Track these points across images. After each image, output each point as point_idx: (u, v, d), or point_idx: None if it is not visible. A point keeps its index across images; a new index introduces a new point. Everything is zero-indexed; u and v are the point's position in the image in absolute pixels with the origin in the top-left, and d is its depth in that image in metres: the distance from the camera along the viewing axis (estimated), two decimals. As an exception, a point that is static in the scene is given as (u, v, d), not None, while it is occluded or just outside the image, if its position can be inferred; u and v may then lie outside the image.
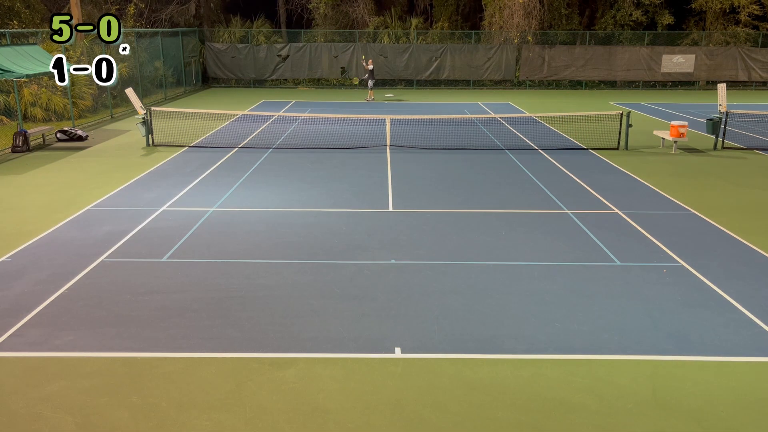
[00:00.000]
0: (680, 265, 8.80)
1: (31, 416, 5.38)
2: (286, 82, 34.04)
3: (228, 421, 5.33)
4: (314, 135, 18.90)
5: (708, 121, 17.27)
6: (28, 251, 9.23)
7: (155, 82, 28.28)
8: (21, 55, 16.88)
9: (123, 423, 5.29)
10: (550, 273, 8.51)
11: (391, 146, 17.12)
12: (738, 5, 32.54)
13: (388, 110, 23.71)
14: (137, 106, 17.18)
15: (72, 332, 6.82)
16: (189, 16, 35.05)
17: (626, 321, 7.15)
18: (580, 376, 6.04)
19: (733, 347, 6.59)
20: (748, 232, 10.24)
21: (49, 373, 6.03)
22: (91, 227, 10.31)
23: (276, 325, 6.99)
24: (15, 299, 7.62)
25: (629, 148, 16.99)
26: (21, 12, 27.72)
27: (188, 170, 14.31)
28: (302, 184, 13.16)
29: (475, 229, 10.33)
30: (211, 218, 10.80)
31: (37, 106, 20.58)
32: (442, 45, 33.34)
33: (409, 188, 12.85)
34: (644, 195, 12.49)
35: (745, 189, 13.05)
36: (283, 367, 6.17)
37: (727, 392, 5.80)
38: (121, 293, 7.79)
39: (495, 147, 17.21)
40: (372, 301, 7.61)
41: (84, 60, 22.97)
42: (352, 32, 34.22)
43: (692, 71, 33.35)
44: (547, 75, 33.60)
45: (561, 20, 33.90)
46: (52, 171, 14.42)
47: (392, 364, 6.26)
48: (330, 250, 9.34)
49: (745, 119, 22.29)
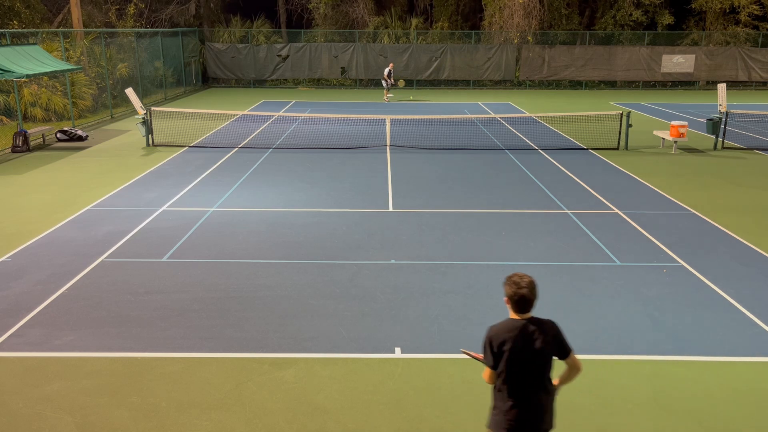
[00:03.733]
0: (680, 265, 8.80)
1: (31, 416, 5.38)
2: (286, 82, 34.04)
3: (228, 421, 5.33)
4: (314, 135, 18.90)
5: (708, 121, 17.26)
6: (28, 251, 9.23)
7: (155, 82, 28.29)
8: (21, 55, 16.87)
9: (123, 423, 5.29)
10: (550, 273, 8.51)
11: (391, 146, 17.12)
12: (738, 5, 32.54)
13: (389, 110, 23.71)
14: (137, 106, 17.18)
15: (72, 332, 6.82)
16: (189, 16, 35.05)
17: (626, 321, 7.15)
18: (580, 376, 6.01)
19: (733, 347, 6.59)
20: (748, 232, 10.24)
21: (49, 373, 6.03)
22: (91, 227, 10.31)
23: (276, 325, 6.99)
24: (15, 299, 7.62)
25: (629, 148, 16.99)
26: (21, 12, 27.72)
27: (188, 170, 14.31)
28: (302, 184, 13.15)
29: (475, 229, 10.33)
30: (211, 218, 10.80)
31: (37, 106, 20.58)
32: (442, 45, 33.34)
33: (409, 188, 12.85)
34: (644, 195, 12.49)
35: (745, 189, 13.05)
36: (283, 367, 6.17)
37: (727, 392, 5.80)
38: (121, 293, 7.79)
39: (495, 147, 17.21)
40: (372, 301, 7.61)
41: (84, 60, 22.99)
42: (352, 32, 34.22)
43: (692, 71, 33.35)
44: (547, 75, 33.60)
45: (561, 20, 33.90)
46: (52, 171, 14.42)
47: (392, 364, 6.25)
48: (330, 250, 9.34)
49: (745, 119, 22.29)
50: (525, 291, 3.82)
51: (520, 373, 3.87)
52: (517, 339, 3.85)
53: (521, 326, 3.87)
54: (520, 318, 3.90)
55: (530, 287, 3.84)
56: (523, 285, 3.84)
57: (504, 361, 3.87)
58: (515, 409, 3.90)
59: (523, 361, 3.86)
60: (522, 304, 3.85)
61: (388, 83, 27.34)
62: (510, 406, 3.91)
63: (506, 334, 3.87)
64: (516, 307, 3.88)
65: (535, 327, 3.88)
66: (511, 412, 3.91)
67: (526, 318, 3.90)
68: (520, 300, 3.84)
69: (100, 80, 23.50)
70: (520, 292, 3.83)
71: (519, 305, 3.86)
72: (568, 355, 3.98)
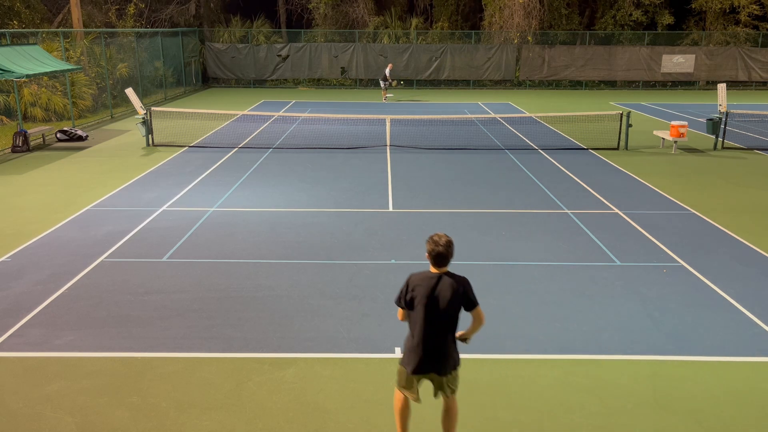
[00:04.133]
0: (680, 265, 8.80)
1: (31, 416, 5.38)
2: (286, 82, 34.04)
3: (228, 421, 5.33)
4: (314, 135, 18.90)
5: (708, 121, 17.27)
6: (28, 251, 9.23)
7: (155, 82, 28.28)
8: (21, 55, 16.87)
9: (123, 423, 5.29)
10: (550, 273, 8.51)
11: (391, 146, 17.12)
12: (738, 5, 32.54)
13: (389, 110, 23.71)
14: (137, 106, 17.18)
15: (72, 332, 6.82)
16: (189, 16, 35.05)
17: (626, 321, 7.15)
18: (580, 376, 6.03)
19: (733, 347, 6.59)
20: (748, 232, 10.24)
21: (49, 373, 6.03)
22: (91, 227, 10.31)
23: (276, 325, 6.99)
24: (15, 299, 7.62)
25: (629, 148, 16.99)
26: (21, 12, 27.73)
27: (188, 170, 14.31)
28: (302, 184, 13.15)
29: (475, 229, 10.33)
30: (211, 218, 10.80)
31: (37, 106, 20.58)
32: (442, 45, 33.34)
33: (409, 188, 12.85)
34: (644, 195, 12.49)
35: (745, 189, 13.05)
36: (282, 367, 6.17)
37: (727, 392, 5.80)
38: (121, 293, 7.79)
39: (495, 147, 17.20)
40: (372, 301, 7.61)
41: (84, 60, 22.99)
42: (352, 32, 34.22)
43: (692, 71, 33.35)
44: (547, 75, 33.60)
45: (561, 20, 33.90)
46: (52, 171, 14.42)
47: (392, 364, 6.24)
48: (330, 250, 9.34)
49: (745, 119, 22.29)
50: (441, 249, 4.50)
51: (429, 317, 4.47)
52: (430, 287, 4.48)
53: (437, 277, 4.53)
54: (437, 271, 4.54)
55: (447, 246, 4.51)
56: (441, 243, 4.51)
57: (416, 305, 4.50)
58: (421, 348, 4.53)
59: (432, 307, 4.47)
60: (439, 259, 4.52)
61: (389, 81, 27.24)
62: (416, 345, 4.54)
63: (422, 282, 4.52)
64: (434, 261, 4.55)
65: (448, 279, 4.51)
66: (418, 350, 4.54)
67: (442, 272, 4.55)
68: (437, 256, 4.52)
69: (100, 80, 23.50)
70: (437, 249, 4.51)
71: (436, 260, 4.53)
72: (474, 308, 4.59)
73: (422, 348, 4.51)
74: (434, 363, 4.55)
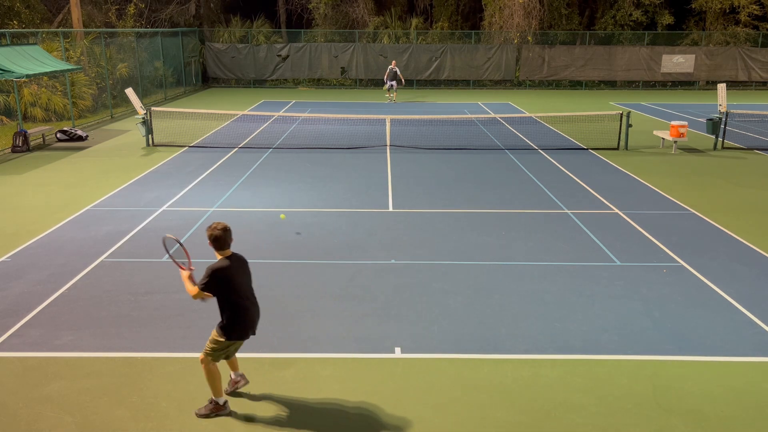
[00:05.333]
0: (680, 265, 8.80)
1: (31, 416, 5.38)
2: (286, 82, 34.04)
3: (228, 421, 5.33)
4: (314, 135, 18.90)
5: (708, 121, 17.27)
6: (28, 251, 9.23)
7: (155, 82, 28.28)
8: (21, 55, 16.87)
9: (123, 423, 5.29)
10: (550, 273, 8.51)
11: (391, 146, 17.12)
12: (738, 5, 32.53)
13: (389, 110, 23.71)
14: (137, 106, 17.17)
15: (72, 332, 6.82)
16: (189, 16, 35.05)
17: (626, 321, 7.15)
18: (580, 376, 6.03)
19: (733, 347, 6.59)
20: (748, 232, 10.24)
21: (49, 373, 6.03)
22: (91, 227, 10.31)
23: (276, 325, 6.99)
24: (15, 299, 7.62)
25: (629, 148, 16.99)
26: (21, 12, 27.73)
27: (188, 170, 14.30)
28: (302, 184, 13.15)
29: (475, 229, 10.33)
30: (211, 218, 10.79)
31: (37, 106, 20.57)
32: (442, 45, 33.34)
33: (409, 188, 12.85)
34: (644, 195, 12.49)
35: (745, 189, 13.05)
36: (283, 367, 6.17)
37: (727, 392, 5.80)
38: (121, 293, 7.79)
39: (495, 147, 17.20)
40: (372, 301, 7.61)
41: (84, 60, 22.99)
42: (352, 32, 34.22)
43: (692, 71, 33.35)
44: (547, 75, 33.60)
45: (561, 20, 33.90)
46: (52, 171, 14.42)
47: (392, 364, 6.25)
48: (330, 250, 9.34)
49: (745, 119, 22.29)
50: (218, 232, 5.08)
51: (244, 290, 5.24)
52: (234, 268, 5.14)
53: (232, 259, 5.18)
54: (226, 255, 5.16)
55: (223, 230, 5.11)
56: (218, 228, 5.09)
57: (231, 286, 5.12)
58: (250, 314, 5.30)
59: (242, 282, 5.23)
60: (219, 242, 5.11)
61: (399, 81, 26.81)
62: (246, 314, 5.26)
63: (226, 268, 5.08)
64: (215, 245, 5.12)
65: (238, 257, 5.27)
66: (248, 316, 5.29)
67: (229, 254, 5.19)
68: (216, 239, 5.09)
69: (100, 80, 23.50)
70: (215, 233, 5.08)
71: (217, 243, 5.11)
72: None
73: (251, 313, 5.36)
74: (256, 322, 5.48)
